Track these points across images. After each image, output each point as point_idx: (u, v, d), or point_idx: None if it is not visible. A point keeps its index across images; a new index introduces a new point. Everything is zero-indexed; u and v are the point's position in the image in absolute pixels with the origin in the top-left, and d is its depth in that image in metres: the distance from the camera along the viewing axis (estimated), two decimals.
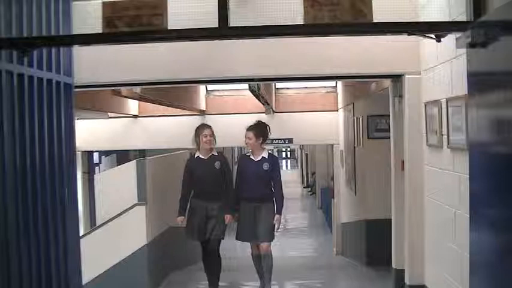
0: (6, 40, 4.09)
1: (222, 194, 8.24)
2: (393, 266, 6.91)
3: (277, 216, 8.17)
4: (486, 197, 3.67)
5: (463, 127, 4.59)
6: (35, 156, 4.44)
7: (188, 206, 8.40)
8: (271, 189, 8.30)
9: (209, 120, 13.10)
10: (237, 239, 8.42)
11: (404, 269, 6.39)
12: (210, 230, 8.23)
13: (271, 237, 8.29)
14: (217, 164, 8.28)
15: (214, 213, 8.22)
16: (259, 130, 8.30)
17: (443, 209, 5.26)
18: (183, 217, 8.32)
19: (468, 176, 4.14)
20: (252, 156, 8.32)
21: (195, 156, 8.43)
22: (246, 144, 8.33)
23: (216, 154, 8.45)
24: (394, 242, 6.81)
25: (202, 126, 8.44)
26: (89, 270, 7.98)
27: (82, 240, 6.03)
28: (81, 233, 8.71)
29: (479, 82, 3.72)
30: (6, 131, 4.04)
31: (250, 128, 8.28)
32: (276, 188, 8.29)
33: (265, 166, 8.19)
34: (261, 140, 8.26)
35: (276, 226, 8.25)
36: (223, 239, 8.38)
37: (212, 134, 8.31)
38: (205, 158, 8.34)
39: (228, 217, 8.23)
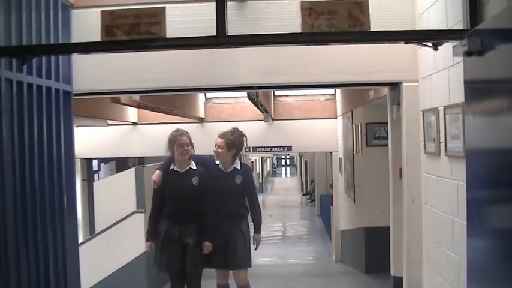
0: (6, 48, 4.12)
1: (200, 215, 6.57)
2: (392, 273, 6.91)
3: (255, 235, 6.93)
4: (483, 205, 3.68)
5: (461, 135, 4.60)
6: (33, 164, 4.46)
7: (159, 229, 6.66)
8: (245, 206, 6.93)
9: (207, 127, 13.15)
10: (206, 266, 6.83)
11: (402, 277, 6.39)
12: (186, 261, 6.58)
13: (247, 263, 6.86)
14: (195, 180, 6.61)
15: (190, 240, 6.54)
16: (233, 141, 6.75)
17: (441, 217, 5.26)
18: (151, 242, 6.70)
19: (465, 184, 4.16)
20: (221, 166, 6.83)
21: (169, 168, 6.71)
22: (215, 153, 6.80)
23: (195, 168, 6.70)
24: (393, 249, 6.82)
25: (177, 134, 6.65)
26: (88, 277, 7.98)
27: (81, 248, 6.04)
28: (80, 240, 8.69)
29: (476, 90, 3.74)
30: (5, 138, 4.05)
31: (222, 135, 6.76)
32: (252, 203, 6.94)
33: (238, 179, 6.78)
34: (234, 152, 6.78)
35: (255, 246, 6.95)
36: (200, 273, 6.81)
37: (189, 144, 6.64)
38: (181, 171, 6.67)
39: (206, 245, 6.54)
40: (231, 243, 6.71)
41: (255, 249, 7.00)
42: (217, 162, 6.86)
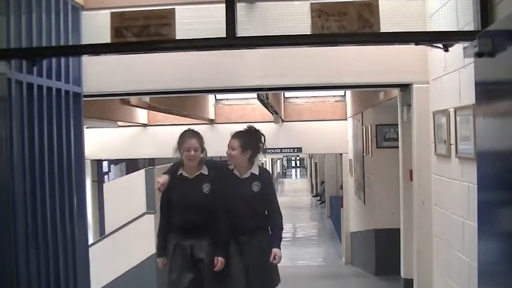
0: (16, 50, 4.13)
1: (213, 227, 5.70)
2: (402, 275, 6.89)
3: (274, 250, 5.67)
4: (494, 207, 3.66)
5: (471, 136, 4.58)
6: (44, 165, 4.46)
7: (168, 243, 5.86)
8: (264, 218, 5.89)
9: (217, 128, 13.15)
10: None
11: (413, 279, 6.37)
12: (200, 280, 5.72)
13: (275, 282, 5.91)
14: (206, 187, 5.75)
15: (203, 256, 5.69)
16: (249, 140, 5.84)
17: (452, 219, 5.24)
18: (163, 258, 5.87)
19: (476, 186, 4.13)
20: (236, 172, 5.86)
21: (178, 172, 5.87)
22: (228, 155, 5.84)
23: (206, 173, 5.82)
24: (403, 251, 6.79)
25: (185, 136, 5.80)
26: (98, 278, 7.99)
27: (91, 249, 6.05)
28: (90, 241, 8.71)
29: (487, 91, 3.72)
30: (15, 140, 4.06)
31: (236, 136, 5.83)
32: (272, 215, 5.87)
33: (256, 187, 5.79)
34: (250, 154, 5.81)
35: (275, 261, 5.73)
36: None
37: (199, 148, 5.76)
38: (190, 176, 5.81)
39: (219, 260, 5.64)
40: (250, 262, 5.72)
41: (276, 263, 5.82)
42: (231, 167, 5.88)
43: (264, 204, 5.84)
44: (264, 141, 6.00)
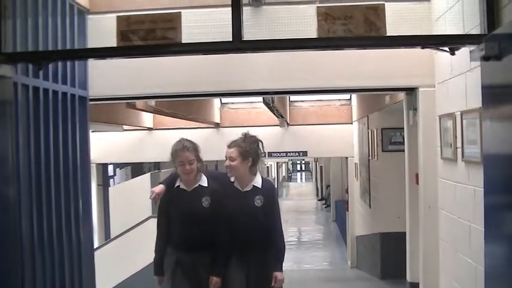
0: (22, 54, 4.13)
1: (214, 244, 5.35)
2: (408, 279, 6.87)
3: (276, 274, 5.26)
4: (501, 210, 3.65)
5: (478, 140, 4.56)
6: (49, 169, 4.47)
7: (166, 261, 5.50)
8: (268, 234, 5.34)
9: (223, 132, 13.15)
10: None
11: (418, 283, 6.35)
12: None
13: None
14: (205, 200, 5.34)
15: (205, 275, 5.33)
16: (248, 147, 5.34)
17: (458, 223, 5.22)
18: (161, 276, 5.51)
19: (483, 190, 4.12)
20: (237, 185, 5.41)
21: (175, 184, 5.48)
22: (227, 168, 5.37)
23: (205, 185, 5.44)
24: (409, 255, 6.77)
25: (178, 149, 5.38)
26: (103, 282, 7.99)
27: (96, 253, 6.05)
28: (96, 245, 8.71)
29: (494, 95, 3.71)
30: (21, 144, 4.07)
31: (233, 144, 5.36)
32: (273, 232, 5.36)
33: (258, 201, 5.31)
34: (250, 162, 5.32)
35: (277, 286, 5.31)
36: None
37: (194, 160, 5.36)
38: (188, 189, 5.41)
39: (213, 280, 5.29)
40: (251, 281, 5.30)
41: None
42: (232, 179, 5.42)
43: (267, 220, 5.31)
44: (263, 147, 5.53)
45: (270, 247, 5.30)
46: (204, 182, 5.44)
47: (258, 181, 5.39)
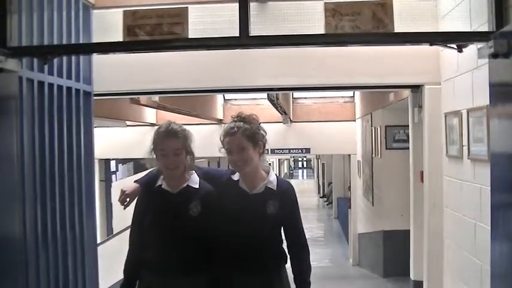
0: (27, 48, 4.12)
1: (204, 265, 3.81)
2: (411, 277, 6.86)
3: None
4: (508, 209, 3.63)
5: (484, 138, 4.54)
6: (54, 163, 4.46)
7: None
8: (280, 251, 3.98)
9: None
10: None
11: (422, 281, 6.34)
12: None
13: None
14: (194, 206, 3.80)
15: None
16: (253, 130, 3.86)
17: (463, 221, 5.21)
18: None
19: (489, 188, 4.10)
20: (242, 185, 3.86)
21: (156, 183, 3.95)
22: (238, 162, 3.77)
23: (196, 186, 3.88)
24: (413, 253, 6.77)
25: (160, 133, 3.94)
26: (106, 278, 7.97)
27: (99, 248, 6.03)
28: (98, 240, 8.70)
29: (502, 92, 3.68)
30: (26, 137, 4.06)
31: (236, 129, 3.80)
32: (294, 246, 4.01)
33: (272, 207, 3.82)
34: (262, 149, 3.87)
35: None
36: None
37: (181, 149, 3.83)
38: (172, 191, 3.87)
39: None
40: None
41: None
42: (235, 177, 3.90)
43: (282, 233, 3.96)
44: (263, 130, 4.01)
45: (294, 267, 3.99)
46: (194, 182, 3.91)
47: (272, 181, 3.89)
